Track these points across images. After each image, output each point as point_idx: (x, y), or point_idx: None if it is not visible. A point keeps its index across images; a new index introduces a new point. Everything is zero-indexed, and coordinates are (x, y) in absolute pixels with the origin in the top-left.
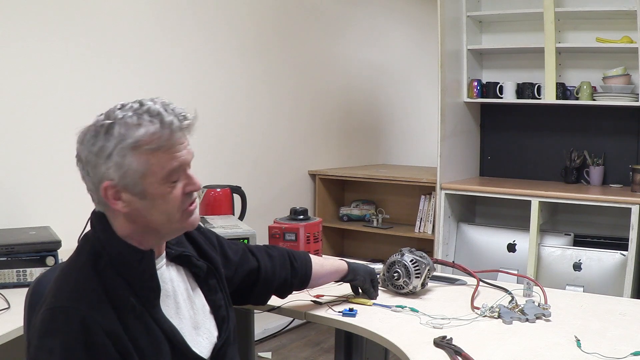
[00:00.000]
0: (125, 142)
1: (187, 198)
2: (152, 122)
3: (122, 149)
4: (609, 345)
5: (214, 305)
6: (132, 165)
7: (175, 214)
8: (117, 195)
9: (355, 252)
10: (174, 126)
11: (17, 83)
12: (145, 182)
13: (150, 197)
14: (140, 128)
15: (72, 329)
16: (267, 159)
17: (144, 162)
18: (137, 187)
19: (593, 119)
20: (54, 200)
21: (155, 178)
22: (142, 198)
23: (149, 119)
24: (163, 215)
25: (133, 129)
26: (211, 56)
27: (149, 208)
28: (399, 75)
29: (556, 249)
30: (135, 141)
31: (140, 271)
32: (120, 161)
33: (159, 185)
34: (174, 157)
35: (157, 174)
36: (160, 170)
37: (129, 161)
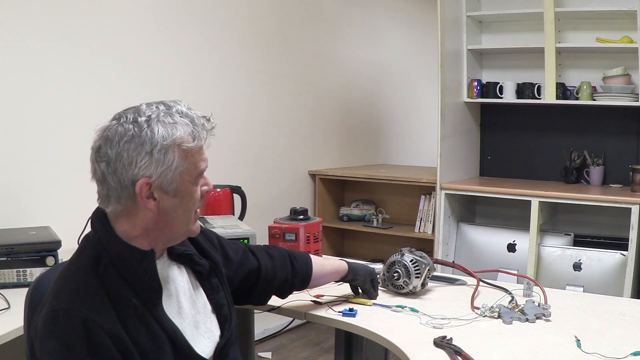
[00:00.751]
0: (168, 139)
1: (201, 200)
2: (186, 122)
3: (164, 146)
4: (609, 345)
5: (216, 304)
6: (173, 162)
7: (192, 214)
8: (150, 194)
9: (355, 252)
10: (205, 128)
11: (17, 83)
12: (181, 180)
13: (180, 195)
14: (178, 126)
15: (74, 330)
16: (267, 159)
17: (184, 160)
18: (172, 185)
19: (593, 119)
20: (54, 200)
21: (190, 177)
22: (174, 196)
23: (182, 119)
24: (186, 215)
25: (172, 127)
26: (211, 56)
27: (177, 206)
28: (399, 75)
29: (556, 249)
30: (177, 139)
31: (141, 271)
32: (162, 158)
33: (190, 185)
34: (204, 157)
35: (192, 172)
36: (194, 170)
37: (170, 158)
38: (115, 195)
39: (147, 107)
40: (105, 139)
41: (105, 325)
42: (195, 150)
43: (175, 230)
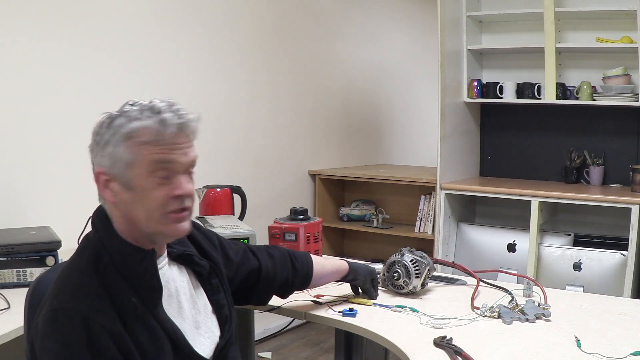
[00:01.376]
0: (120, 132)
1: (174, 202)
2: (151, 117)
3: (116, 139)
4: (609, 345)
5: (217, 304)
6: (122, 154)
7: (155, 213)
8: (106, 184)
9: (355, 252)
10: (169, 124)
11: (17, 83)
12: (132, 173)
13: (135, 190)
14: (137, 121)
15: (74, 330)
16: (267, 159)
17: (133, 153)
18: (124, 177)
19: (593, 119)
20: (54, 200)
21: (140, 170)
22: (128, 189)
23: (149, 114)
24: (144, 212)
25: (132, 121)
26: (211, 56)
27: (133, 201)
28: (399, 75)
29: (556, 249)
30: (129, 132)
31: (141, 271)
32: (113, 150)
33: (144, 179)
34: (162, 153)
35: (142, 166)
36: (145, 163)
37: (120, 150)
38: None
39: (132, 103)
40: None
41: (105, 324)
42: (150, 144)
43: (143, 227)
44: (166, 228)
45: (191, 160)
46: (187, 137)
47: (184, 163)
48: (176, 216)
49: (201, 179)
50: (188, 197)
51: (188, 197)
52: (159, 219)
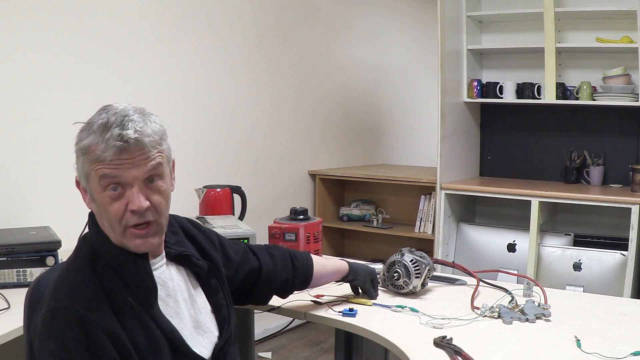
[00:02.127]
0: (79, 145)
1: (131, 216)
2: (101, 134)
3: (77, 151)
4: (609, 345)
5: (215, 305)
6: (81, 167)
7: (117, 227)
8: (84, 191)
9: (355, 252)
10: (108, 144)
11: (16, 83)
12: (90, 186)
13: (96, 202)
14: (91, 136)
15: (71, 330)
16: (267, 159)
17: (87, 167)
18: (88, 189)
19: (593, 119)
20: (54, 200)
21: (94, 184)
22: (93, 201)
23: (101, 130)
24: (108, 224)
25: (87, 134)
26: (211, 56)
27: (99, 213)
28: (399, 75)
29: (556, 249)
30: (83, 147)
31: (134, 271)
32: (77, 161)
33: (99, 193)
34: (105, 168)
35: (94, 180)
36: (96, 179)
37: (80, 163)
38: None
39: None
40: None
41: (102, 324)
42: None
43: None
44: (129, 243)
45: (145, 172)
46: (134, 152)
47: (133, 177)
48: (136, 232)
49: (201, 179)
50: (147, 211)
51: (148, 211)
52: (122, 233)
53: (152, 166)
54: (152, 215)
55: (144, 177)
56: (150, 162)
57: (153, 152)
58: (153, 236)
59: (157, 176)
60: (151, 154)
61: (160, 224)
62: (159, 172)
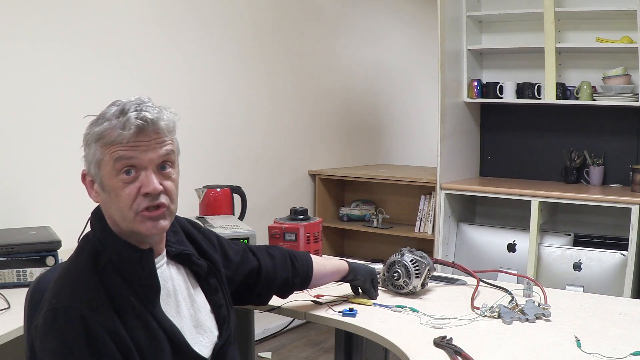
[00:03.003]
0: (92, 133)
1: (144, 200)
2: (118, 118)
3: (89, 140)
4: (609, 345)
5: (215, 304)
6: (93, 155)
7: (128, 212)
8: (91, 184)
9: (355, 252)
10: (128, 123)
11: (17, 83)
12: (102, 173)
13: (107, 190)
14: (106, 122)
15: (73, 328)
16: (267, 159)
17: (100, 153)
18: (98, 177)
19: (593, 119)
20: (54, 200)
21: (107, 169)
22: (103, 189)
23: (118, 115)
24: (118, 212)
25: (102, 122)
26: (211, 56)
27: (109, 201)
28: (399, 75)
29: (556, 249)
30: (98, 133)
31: (139, 270)
32: (88, 152)
33: (111, 178)
34: (121, 150)
35: (108, 165)
36: (110, 162)
37: (92, 151)
38: None
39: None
40: None
41: (104, 323)
42: (113, 143)
43: (122, 227)
44: (141, 227)
45: (159, 156)
46: (150, 135)
47: (150, 159)
48: (148, 214)
49: (201, 179)
50: (160, 194)
51: (162, 194)
52: (133, 218)
53: (166, 151)
54: (164, 198)
55: (158, 162)
56: (165, 146)
57: (167, 138)
58: (164, 219)
59: (169, 163)
60: (166, 139)
61: (171, 209)
62: (171, 159)
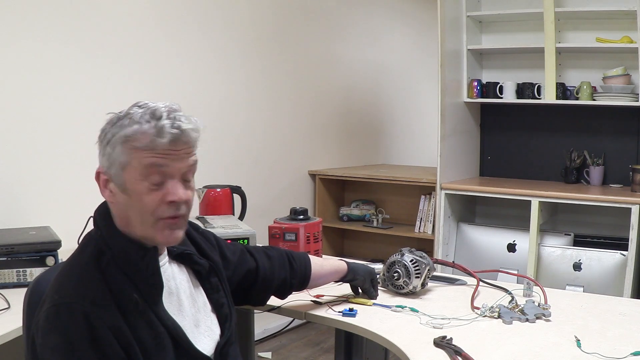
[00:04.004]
0: (119, 134)
1: (167, 208)
2: (149, 122)
3: (115, 140)
4: (609, 345)
5: (216, 303)
6: (118, 157)
7: (150, 219)
8: (106, 183)
9: (355, 252)
10: (164, 132)
11: (17, 83)
12: (125, 176)
13: (129, 193)
14: (137, 125)
15: (76, 325)
16: (267, 159)
17: (128, 156)
18: (119, 179)
19: (593, 119)
20: (54, 200)
21: (134, 174)
22: (123, 191)
23: (149, 119)
24: (138, 216)
25: (132, 125)
26: (211, 56)
27: (128, 203)
28: (399, 75)
29: (556, 249)
30: (126, 135)
31: (143, 267)
32: (111, 151)
33: (137, 182)
34: (154, 157)
35: (137, 170)
36: (139, 167)
37: (117, 152)
38: None
39: (140, 105)
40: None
41: (107, 320)
42: (144, 149)
43: (137, 229)
44: (158, 234)
45: (187, 166)
46: (181, 145)
47: (179, 168)
48: (168, 222)
49: (201, 179)
50: (183, 204)
51: (183, 204)
52: (152, 224)
53: (193, 161)
54: (184, 209)
55: (185, 172)
56: (191, 157)
57: (194, 149)
58: (180, 229)
59: (192, 173)
60: (193, 150)
61: (186, 219)
62: (194, 170)
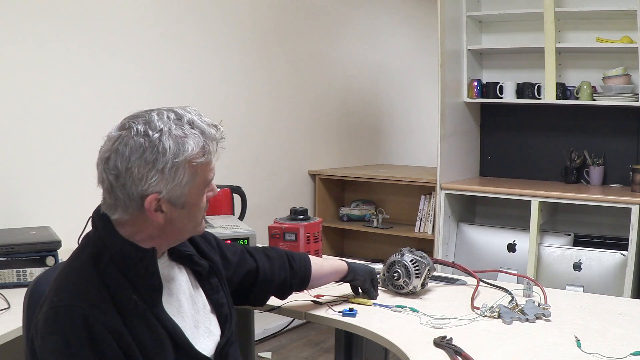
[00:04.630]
0: (179, 156)
1: (206, 205)
2: (196, 134)
3: (175, 164)
4: (609, 345)
5: (216, 304)
6: (183, 178)
7: (200, 220)
8: (158, 207)
9: (355, 252)
10: (215, 139)
11: (17, 83)
12: (188, 192)
13: (188, 207)
14: (189, 140)
15: (75, 327)
16: (267, 159)
17: (193, 176)
18: (181, 199)
19: (593, 119)
20: (54, 200)
21: (198, 189)
22: (182, 208)
23: (192, 131)
24: (192, 223)
25: (183, 142)
26: (211, 56)
27: (184, 217)
28: (399, 75)
29: (556, 249)
30: (188, 155)
31: (142, 269)
32: (172, 175)
33: (198, 196)
34: (212, 168)
35: (200, 184)
36: (202, 182)
37: (180, 175)
38: (122, 206)
39: (158, 117)
40: (115, 151)
41: (106, 322)
42: (204, 164)
43: (181, 235)
44: (200, 229)
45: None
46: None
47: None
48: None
49: None
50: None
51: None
52: (199, 223)
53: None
54: None
55: None
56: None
57: None
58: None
59: None
60: None
61: None
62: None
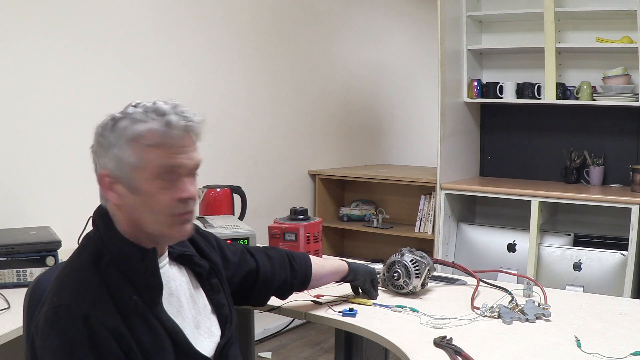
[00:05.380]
0: (125, 134)
1: (180, 205)
2: (156, 120)
3: (121, 141)
4: (609, 345)
5: (217, 304)
6: (127, 157)
7: (163, 217)
8: (111, 186)
9: (355, 252)
10: (175, 126)
11: (17, 83)
12: (137, 176)
13: (140, 193)
14: (142, 124)
15: (75, 327)
16: (267, 159)
17: (138, 156)
18: (129, 181)
19: (593, 119)
20: (54, 200)
21: (146, 174)
22: (134, 193)
23: (155, 116)
24: (151, 216)
25: (137, 124)
26: (211, 56)
27: (139, 204)
28: (399, 75)
29: (556, 249)
30: (135, 135)
31: (142, 269)
32: (118, 152)
33: (150, 182)
34: (169, 156)
35: (149, 169)
36: (151, 167)
37: (125, 153)
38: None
39: (135, 105)
40: (94, 132)
41: (106, 322)
42: (157, 147)
43: (148, 230)
44: (171, 230)
45: (196, 163)
46: (192, 139)
47: (190, 166)
48: (180, 218)
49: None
50: (192, 199)
51: (192, 200)
52: (164, 222)
53: (199, 157)
54: (193, 204)
55: (194, 168)
56: (197, 151)
57: (198, 144)
58: (191, 222)
59: (197, 169)
60: (197, 145)
61: (195, 213)
62: (199, 165)
